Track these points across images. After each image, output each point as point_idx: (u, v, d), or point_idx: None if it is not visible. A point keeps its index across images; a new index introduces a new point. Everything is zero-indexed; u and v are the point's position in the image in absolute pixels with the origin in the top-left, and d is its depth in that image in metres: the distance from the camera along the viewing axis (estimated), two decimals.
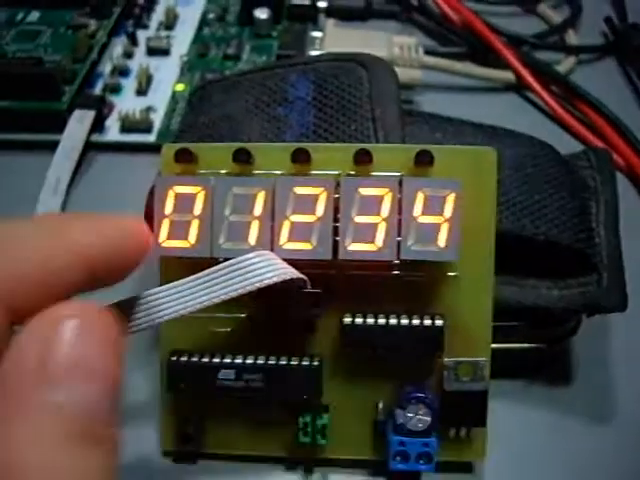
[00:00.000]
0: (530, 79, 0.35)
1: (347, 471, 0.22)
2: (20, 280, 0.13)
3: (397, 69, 0.26)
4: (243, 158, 0.20)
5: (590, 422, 0.23)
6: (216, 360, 0.20)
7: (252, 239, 0.20)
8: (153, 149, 0.32)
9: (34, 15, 0.37)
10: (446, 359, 0.21)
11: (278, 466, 0.22)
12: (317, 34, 0.36)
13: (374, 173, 0.20)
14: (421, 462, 0.20)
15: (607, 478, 0.22)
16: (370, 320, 0.20)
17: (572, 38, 0.39)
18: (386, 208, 0.19)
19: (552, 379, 0.24)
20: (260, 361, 0.20)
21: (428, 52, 0.36)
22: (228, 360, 0.20)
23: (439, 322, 0.20)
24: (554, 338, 0.24)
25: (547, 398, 0.24)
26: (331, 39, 0.35)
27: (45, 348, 0.13)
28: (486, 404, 0.21)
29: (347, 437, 0.21)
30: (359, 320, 0.20)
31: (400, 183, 0.20)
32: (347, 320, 0.20)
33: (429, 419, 0.20)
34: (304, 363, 0.20)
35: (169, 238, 0.20)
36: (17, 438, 0.12)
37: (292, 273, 0.19)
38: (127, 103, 0.34)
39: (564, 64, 0.38)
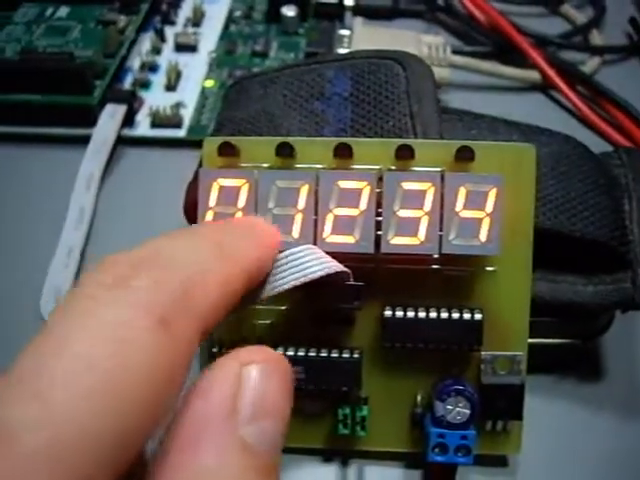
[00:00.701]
0: (556, 79, 0.35)
1: (384, 463, 0.22)
2: (211, 306, 0.14)
3: None
4: (286, 152, 0.21)
5: (623, 418, 0.23)
6: None
7: (296, 232, 0.20)
8: (183, 144, 0.33)
9: (63, 10, 0.37)
10: (483, 353, 0.21)
11: (316, 457, 0.22)
12: (344, 32, 0.36)
13: (415, 168, 0.21)
14: (459, 454, 0.20)
15: (639, 473, 0.22)
16: (410, 313, 0.20)
17: (596, 38, 0.39)
18: (429, 202, 0.20)
19: (586, 375, 0.24)
20: (301, 353, 0.20)
21: (454, 51, 0.36)
22: None
23: (478, 316, 0.20)
24: (588, 334, 0.24)
25: (580, 393, 0.24)
26: (360, 38, 0.36)
27: (236, 389, 0.14)
28: (523, 398, 0.21)
29: (385, 429, 0.22)
30: (399, 313, 0.20)
31: (442, 178, 0.20)
32: (388, 313, 0.20)
33: (468, 412, 0.20)
34: (344, 355, 0.20)
35: None
36: (205, 466, 0.13)
37: (337, 267, 0.19)
38: (156, 98, 0.34)
39: (589, 64, 0.38)
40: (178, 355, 0.13)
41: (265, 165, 0.21)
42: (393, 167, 0.21)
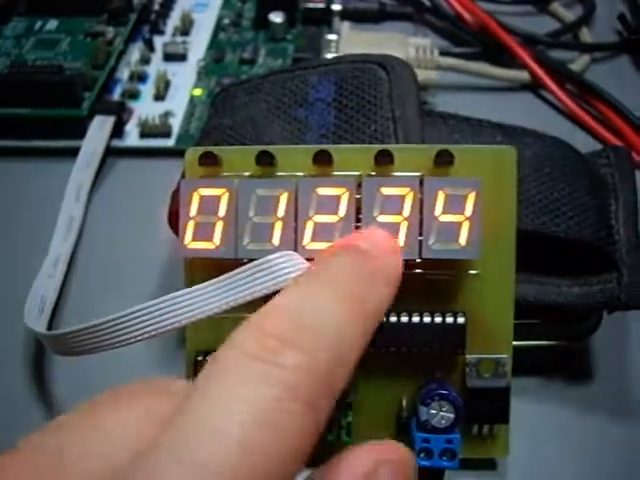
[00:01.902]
0: (545, 78, 0.35)
1: None
2: (348, 377, 0.15)
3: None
4: (266, 160, 0.21)
5: (610, 419, 0.23)
6: None
7: (276, 240, 0.20)
8: (172, 154, 0.33)
9: (52, 23, 0.38)
10: (468, 356, 0.21)
11: None
12: (332, 37, 0.36)
13: (394, 173, 0.21)
14: (444, 458, 0.20)
15: (627, 475, 0.22)
16: (393, 318, 0.20)
17: (586, 36, 0.39)
18: (408, 207, 0.20)
19: (573, 376, 0.24)
20: None
21: (442, 53, 0.36)
22: None
23: (461, 320, 0.20)
24: (575, 335, 0.24)
25: (568, 395, 0.24)
26: (347, 42, 0.36)
27: None
28: (508, 400, 0.21)
29: (371, 434, 0.21)
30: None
31: (421, 182, 0.20)
32: None
33: (452, 415, 0.20)
34: None
35: (194, 239, 0.20)
36: None
37: None
38: (146, 108, 0.34)
39: (578, 62, 0.38)
40: (318, 434, 0.13)
41: (246, 174, 0.21)
42: (373, 173, 0.21)
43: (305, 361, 0.14)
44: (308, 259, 0.19)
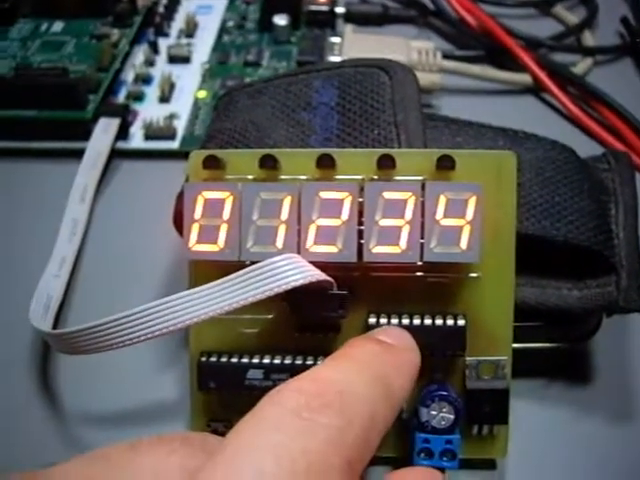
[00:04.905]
0: (547, 81, 0.36)
1: (372, 469, 0.22)
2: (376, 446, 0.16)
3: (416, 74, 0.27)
4: (269, 164, 0.21)
5: (610, 421, 0.24)
6: (244, 360, 0.21)
7: (279, 243, 0.20)
8: (177, 156, 0.33)
9: (58, 25, 0.38)
10: (468, 358, 0.21)
11: None
12: (335, 40, 0.37)
13: (397, 177, 0.21)
14: (445, 459, 0.21)
15: (627, 478, 0.22)
16: (394, 320, 0.21)
17: (588, 39, 0.40)
18: (409, 211, 0.20)
19: (572, 378, 0.25)
20: (287, 361, 0.21)
21: (446, 56, 0.36)
22: (256, 360, 0.21)
23: (461, 322, 0.21)
24: (575, 338, 0.24)
25: (567, 397, 0.24)
26: (350, 45, 0.36)
27: None
28: (508, 402, 0.21)
29: None
30: (383, 320, 0.21)
31: (423, 187, 0.20)
32: (372, 320, 0.21)
33: (452, 416, 0.20)
34: None
35: (198, 242, 0.21)
36: None
37: (318, 275, 0.19)
38: (150, 110, 0.35)
39: (581, 65, 0.38)
40: None
41: (250, 177, 0.21)
42: (375, 177, 0.21)
43: (344, 424, 0.15)
44: (311, 262, 0.20)
